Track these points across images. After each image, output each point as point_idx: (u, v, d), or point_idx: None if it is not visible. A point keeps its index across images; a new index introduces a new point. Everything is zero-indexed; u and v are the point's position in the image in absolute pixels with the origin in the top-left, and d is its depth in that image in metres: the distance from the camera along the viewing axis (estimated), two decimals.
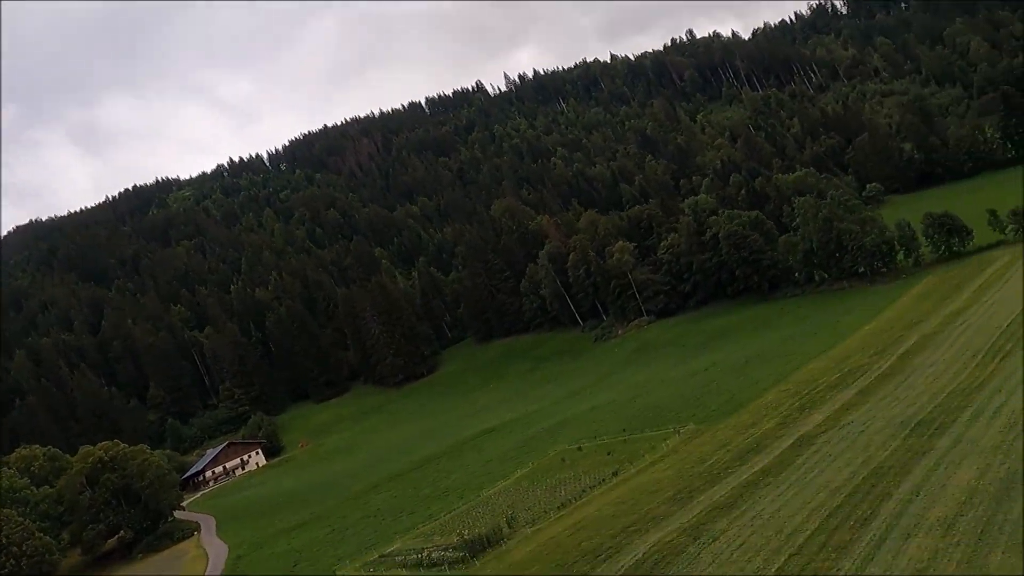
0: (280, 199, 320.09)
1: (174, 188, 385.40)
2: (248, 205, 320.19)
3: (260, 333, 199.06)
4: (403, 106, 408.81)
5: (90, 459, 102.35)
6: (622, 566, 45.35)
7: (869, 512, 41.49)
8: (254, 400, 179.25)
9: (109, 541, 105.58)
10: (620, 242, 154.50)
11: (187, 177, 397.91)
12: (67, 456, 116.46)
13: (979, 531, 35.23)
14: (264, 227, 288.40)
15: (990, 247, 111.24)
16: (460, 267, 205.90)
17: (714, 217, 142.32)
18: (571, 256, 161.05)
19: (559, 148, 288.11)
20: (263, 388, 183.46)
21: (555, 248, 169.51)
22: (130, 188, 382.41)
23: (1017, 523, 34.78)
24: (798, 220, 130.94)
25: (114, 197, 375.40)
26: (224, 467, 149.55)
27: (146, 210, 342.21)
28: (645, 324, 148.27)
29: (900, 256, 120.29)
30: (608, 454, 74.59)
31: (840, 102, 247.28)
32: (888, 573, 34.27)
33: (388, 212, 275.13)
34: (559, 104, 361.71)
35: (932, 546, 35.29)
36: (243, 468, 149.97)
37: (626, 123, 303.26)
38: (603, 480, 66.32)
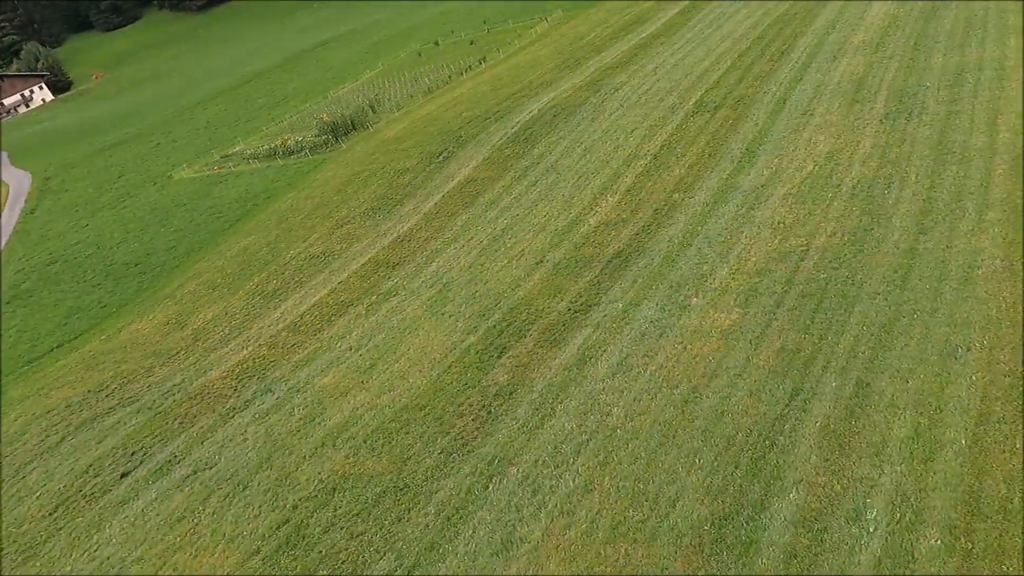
0: None
1: None
2: None
3: None
4: None
5: None
6: (518, 122, 41.07)
7: (784, 47, 38.65)
8: (22, 29, 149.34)
9: None
10: None
11: None
12: None
13: (912, 44, 33.16)
14: None
15: None
16: None
17: None
18: None
19: None
20: (31, 14, 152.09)
21: None
22: None
23: (952, 33, 32.89)
24: None
25: None
26: (2, 103, 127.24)
27: None
28: None
29: None
30: (471, 44, 67.50)
31: None
32: (826, 83, 31.92)
33: None
34: None
35: (865, 61, 33.05)
36: (27, 105, 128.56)
37: None
38: (470, 67, 59.91)
